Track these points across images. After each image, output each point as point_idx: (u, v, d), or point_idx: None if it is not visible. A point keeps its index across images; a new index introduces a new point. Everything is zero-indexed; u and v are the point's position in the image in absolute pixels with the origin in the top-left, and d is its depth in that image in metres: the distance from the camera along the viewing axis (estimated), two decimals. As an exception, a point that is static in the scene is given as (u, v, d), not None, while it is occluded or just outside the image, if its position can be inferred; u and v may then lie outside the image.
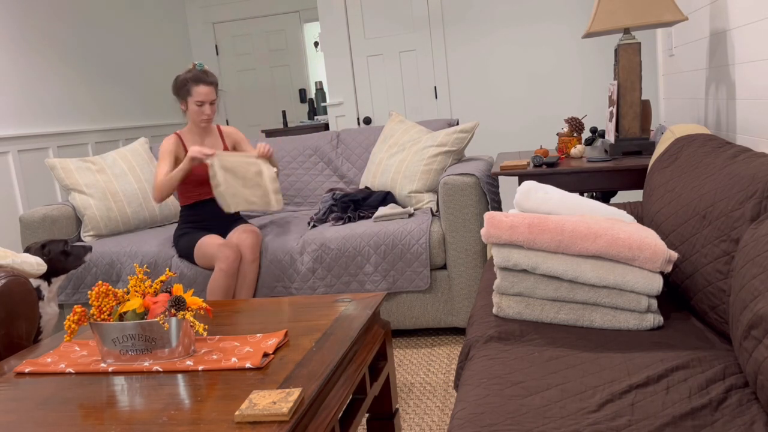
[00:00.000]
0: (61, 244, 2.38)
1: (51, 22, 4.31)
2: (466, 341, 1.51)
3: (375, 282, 2.70)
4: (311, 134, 3.53)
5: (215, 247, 2.67)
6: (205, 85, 2.72)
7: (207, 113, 2.76)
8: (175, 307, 1.46)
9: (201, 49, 6.19)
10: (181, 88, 2.75)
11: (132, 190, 3.32)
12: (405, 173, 3.00)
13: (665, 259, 1.41)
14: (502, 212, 1.61)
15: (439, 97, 4.46)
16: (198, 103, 2.73)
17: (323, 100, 5.94)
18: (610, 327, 1.46)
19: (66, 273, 2.39)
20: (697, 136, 1.84)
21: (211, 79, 2.75)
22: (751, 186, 1.33)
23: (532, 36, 4.23)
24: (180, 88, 2.75)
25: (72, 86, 4.45)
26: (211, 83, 2.74)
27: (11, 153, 3.82)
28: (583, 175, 2.50)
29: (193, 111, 2.76)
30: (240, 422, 1.15)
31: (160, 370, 1.45)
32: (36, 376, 1.51)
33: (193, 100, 2.73)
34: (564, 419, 1.06)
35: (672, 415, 1.03)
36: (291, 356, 1.45)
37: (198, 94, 2.72)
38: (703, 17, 2.51)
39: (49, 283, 2.34)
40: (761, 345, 1.02)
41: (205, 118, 2.77)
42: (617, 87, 2.51)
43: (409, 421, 2.07)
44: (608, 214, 1.72)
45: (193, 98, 2.73)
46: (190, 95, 2.73)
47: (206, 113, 2.76)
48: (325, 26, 4.55)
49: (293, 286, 2.77)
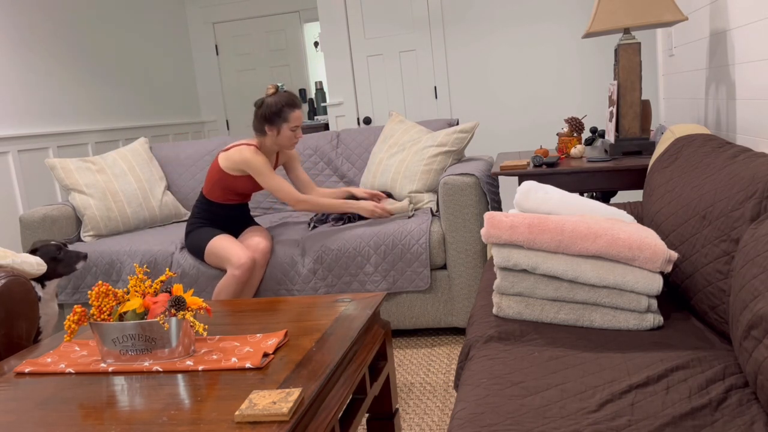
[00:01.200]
0: (54, 249, 2.34)
1: (51, 22, 4.31)
2: (466, 341, 1.52)
3: (375, 282, 2.70)
4: (311, 134, 3.53)
5: (230, 251, 2.64)
6: (299, 109, 2.68)
7: (299, 137, 2.73)
8: (175, 307, 1.46)
9: (201, 49, 6.19)
10: (277, 115, 2.65)
11: (132, 190, 3.32)
12: (405, 173, 3.00)
13: (665, 259, 1.41)
14: (502, 212, 1.61)
15: (439, 97, 4.46)
16: (293, 128, 2.68)
17: (323, 100, 5.95)
18: (610, 327, 1.46)
19: (58, 277, 2.36)
20: (697, 136, 1.84)
21: (300, 101, 2.71)
22: (751, 186, 1.33)
23: (532, 36, 4.23)
24: (276, 114, 2.65)
25: (72, 86, 4.45)
26: (301, 106, 2.70)
27: (11, 153, 3.82)
28: (583, 175, 2.50)
29: (286, 137, 2.69)
30: (240, 422, 1.15)
31: (160, 370, 1.45)
32: (36, 376, 1.51)
33: (289, 126, 2.67)
34: (564, 419, 1.06)
35: (672, 415, 1.03)
36: (291, 356, 1.45)
37: (294, 119, 2.66)
38: (703, 17, 2.51)
39: (43, 285, 2.32)
40: (761, 345, 1.02)
41: (296, 141, 2.73)
42: (617, 87, 2.51)
43: (409, 421, 2.07)
44: (608, 214, 1.72)
45: (290, 124, 2.66)
46: (286, 121, 2.66)
47: (299, 137, 2.73)
48: (325, 26, 4.55)
49: (295, 288, 2.77)
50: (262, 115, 2.68)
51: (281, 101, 2.65)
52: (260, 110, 2.69)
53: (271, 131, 2.68)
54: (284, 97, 2.67)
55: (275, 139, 2.70)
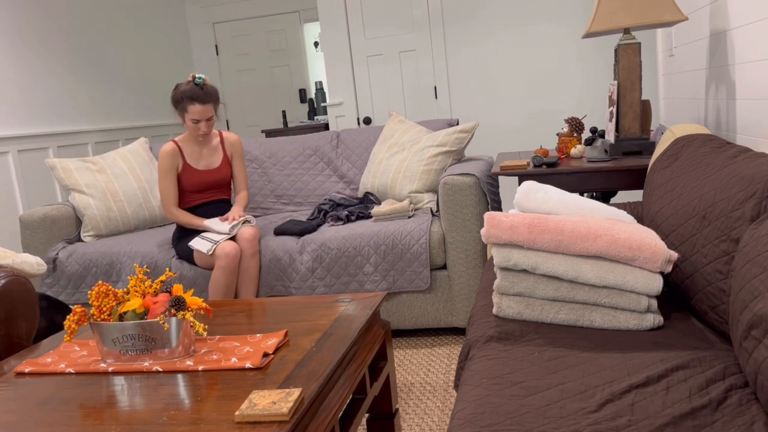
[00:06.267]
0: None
1: (51, 22, 4.31)
2: (466, 341, 1.52)
3: (375, 282, 2.70)
4: (311, 134, 3.53)
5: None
6: (200, 104, 2.67)
7: (203, 130, 2.74)
8: (175, 307, 1.46)
9: (201, 49, 6.20)
10: (178, 103, 2.71)
11: (132, 190, 3.32)
12: (405, 173, 3.00)
13: (665, 259, 1.41)
14: (502, 212, 1.61)
15: (439, 97, 4.46)
16: (194, 120, 2.71)
17: (323, 100, 5.94)
18: (610, 327, 1.46)
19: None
20: (697, 136, 1.84)
21: (207, 97, 2.69)
22: (751, 186, 1.33)
23: (532, 36, 4.23)
24: (177, 102, 2.71)
25: (72, 86, 4.45)
26: (207, 102, 2.69)
27: (11, 153, 3.82)
28: (583, 175, 2.50)
29: (189, 127, 2.74)
30: (240, 422, 1.15)
31: (160, 370, 1.45)
32: (36, 376, 1.51)
33: (189, 117, 2.70)
34: (564, 419, 1.06)
35: (672, 415, 1.03)
36: (291, 356, 1.45)
37: (193, 113, 2.69)
38: (703, 17, 2.51)
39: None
40: (761, 345, 1.02)
41: (201, 134, 2.75)
42: (617, 87, 2.51)
43: (409, 421, 2.07)
44: (608, 214, 1.72)
45: (189, 115, 2.70)
46: (186, 112, 2.70)
47: (202, 130, 2.73)
48: (325, 26, 4.55)
49: (292, 285, 2.77)
50: (171, 98, 2.76)
51: (185, 92, 2.69)
52: (171, 93, 2.78)
53: (180, 118, 2.78)
54: (191, 89, 2.68)
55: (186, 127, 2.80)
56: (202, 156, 2.84)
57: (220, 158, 2.88)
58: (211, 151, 2.87)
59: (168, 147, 2.77)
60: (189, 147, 2.83)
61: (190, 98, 2.67)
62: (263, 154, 3.50)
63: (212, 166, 2.86)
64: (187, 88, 2.68)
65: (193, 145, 2.83)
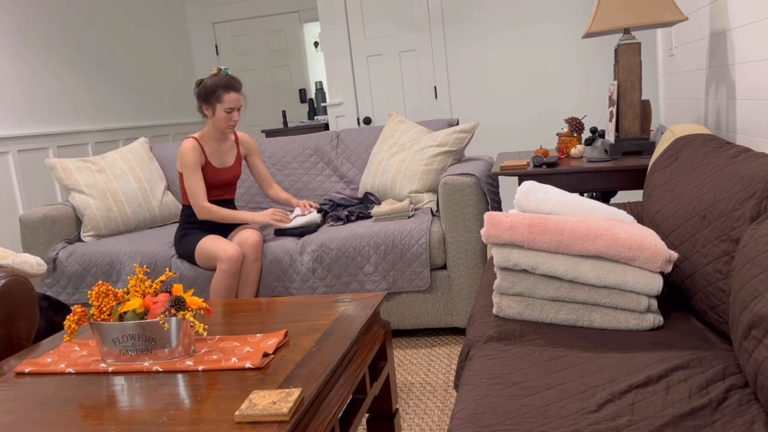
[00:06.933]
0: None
1: (51, 22, 4.31)
2: (466, 341, 1.51)
3: (375, 282, 2.70)
4: (311, 134, 3.53)
5: (217, 248, 2.66)
6: (235, 92, 2.69)
7: (235, 120, 2.74)
8: (175, 307, 1.46)
9: (201, 49, 6.19)
10: (210, 94, 2.69)
11: (132, 190, 3.32)
12: (405, 173, 3.00)
13: (665, 259, 1.41)
14: (502, 212, 1.61)
15: (439, 97, 4.46)
16: (228, 110, 2.70)
17: (323, 100, 5.94)
18: (610, 327, 1.46)
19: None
20: (697, 136, 1.84)
21: (240, 85, 2.73)
22: (751, 186, 1.33)
23: (532, 36, 4.23)
24: (209, 93, 2.69)
25: (72, 86, 4.45)
26: (240, 90, 2.72)
27: (11, 153, 3.82)
28: (583, 175, 2.50)
29: (221, 118, 2.71)
30: (240, 422, 1.15)
31: (160, 370, 1.45)
32: (36, 376, 1.51)
33: (223, 107, 2.69)
34: (564, 419, 1.06)
35: (672, 415, 1.03)
36: (291, 356, 1.45)
37: (229, 101, 2.68)
38: (703, 17, 2.51)
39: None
40: (761, 345, 1.02)
41: (233, 124, 2.74)
42: (617, 87, 2.51)
43: (409, 421, 2.07)
44: (608, 214, 1.72)
45: (224, 105, 2.68)
46: (220, 102, 2.68)
47: (234, 120, 2.73)
48: (325, 26, 4.55)
49: (293, 286, 2.77)
50: (198, 93, 2.73)
51: (218, 82, 2.69)
52: (197, 89, 2.74)
53: (207, 111, 2.73)
54: (223, 79, 2.70)
55: (213, 122, 2.75)
56: (221, 153, 2.84)
57: (234, 157, 2.89)
58: (228, 149, 2.88)
59: (190, 143, 2.75)
60: (209, 144, 2.81)
61: (225, 87, 2.67)
62: (263, 154, 3.50)
63: (227, 164, 2.87)
64: (219, 79, 2.69)
65: (212, 142, 2.82)
